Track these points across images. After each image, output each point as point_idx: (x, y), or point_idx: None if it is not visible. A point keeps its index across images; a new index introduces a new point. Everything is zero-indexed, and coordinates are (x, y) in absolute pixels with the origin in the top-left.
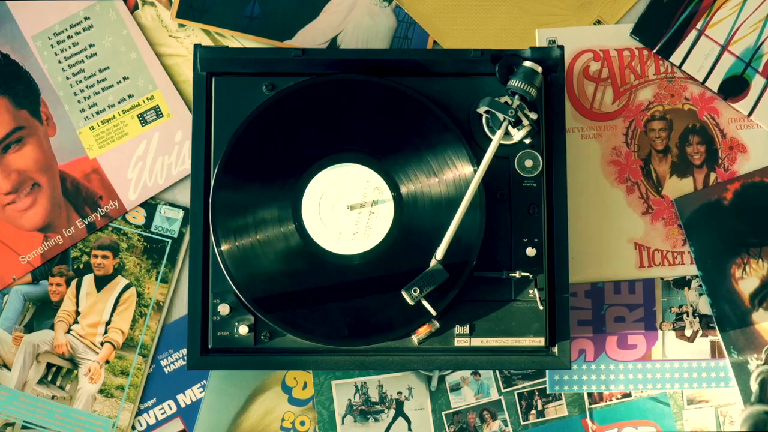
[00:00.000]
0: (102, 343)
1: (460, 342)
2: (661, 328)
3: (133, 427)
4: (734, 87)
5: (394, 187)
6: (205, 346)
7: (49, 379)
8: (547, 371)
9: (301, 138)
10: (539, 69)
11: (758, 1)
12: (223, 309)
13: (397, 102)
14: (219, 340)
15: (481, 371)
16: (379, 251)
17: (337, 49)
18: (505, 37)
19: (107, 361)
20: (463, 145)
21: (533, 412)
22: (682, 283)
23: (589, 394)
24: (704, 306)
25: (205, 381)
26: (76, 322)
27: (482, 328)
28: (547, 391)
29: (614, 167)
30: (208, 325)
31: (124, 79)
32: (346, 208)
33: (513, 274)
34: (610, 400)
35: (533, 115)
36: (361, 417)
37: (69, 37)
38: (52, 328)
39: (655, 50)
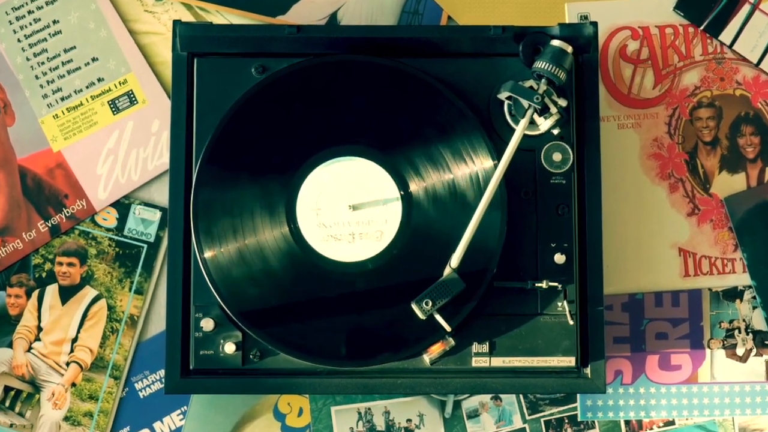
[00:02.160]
0: (67, 364)
1: (478, 362)
2: (709, 346)
3: None
4: None
5: (402, 185)
6: (186, 367)
7: (7, 404)
8: (578, 396)
9: (296, 128)
10: (569, 49)
11: None
12: (207, 324)
13: (406, 87)
14: (202, 359)
15: (502, 395)
16: (385, 258)
17: (337, 26)
18: (530, 13)
19: (73, 384)
20: (482, 135)
21: None
22: (733, 294)
23: (627, 422)
24: (758, 321)
25: (185, 407)
26: (37, 339)
27: (504, 345)
28: (579, 419)
29: (655, 161)
30: (189, 343)
31: (93, 60)
32: (347, 209)
33: (539, 284)
34: (651, 429)
35: (562, 102)
36: None
37: (30, 12)
38: (10, 346)
39: (702, 27)
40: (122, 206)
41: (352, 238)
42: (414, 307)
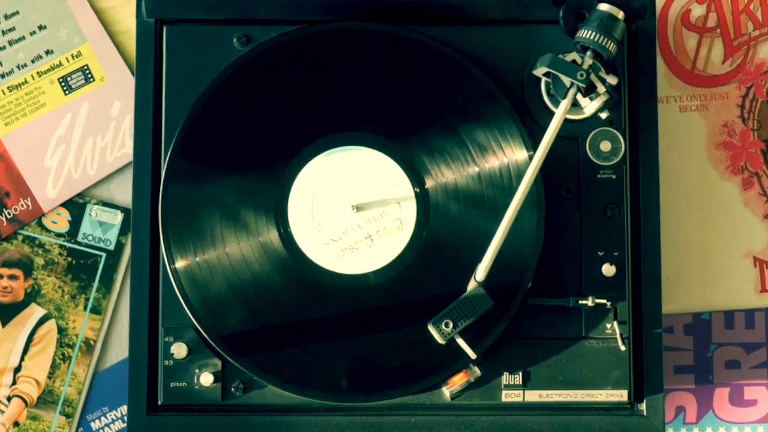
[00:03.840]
0: (9, 398)
1: (509, 396)
2: None
3: None
4: None
5: (417, 180)
6: (154, 402)
7: None
8: None
9: (286, 112)
10: (620, 15)
11: None
12: (179, 350)
13: (421, 61)
14: (173, 393)
15: None
16: (396, 269)
17: None
18: None
19: (16, 423)
20: (514, 120)
21: None
22: None
23: None
24: None
25: None
26: None
27: (540, 376)
28: None
29: (725, 152)
30: (157, 373)
31: (40, 28)
32: (349, 209)
33: (583, 302)
34: None
35: (612, 80)
36: None
37: None
38: None
39: None
40: (76, 206)
41: (356, 245)
42: (431, 329)
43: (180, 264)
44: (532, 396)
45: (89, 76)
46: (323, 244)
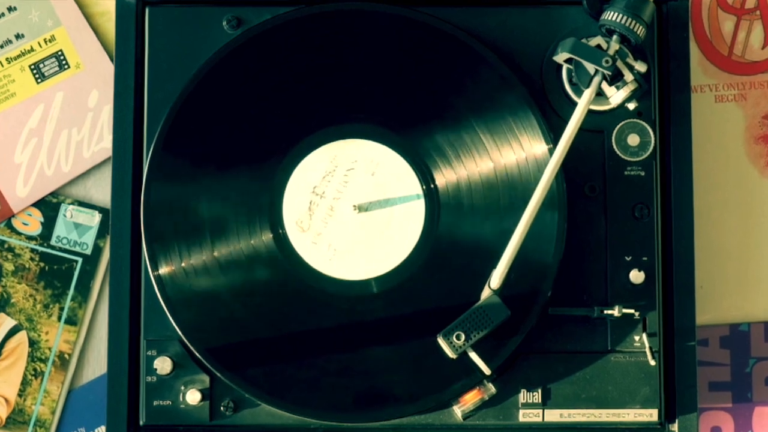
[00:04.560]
0: None
1: (527, 416)
2: None
3: None
4: None
5: (425, 177)
6: (135, 423)
7: None
8: None
9: (281, 102)
10: None
11: None
12: (163, 365)
13: (430, 45)
14: (156, 412)
15: None
16: (402, 276)
17: None
18: None
19: None
20: (533, 111)
21: None
22: None
23: None
24: None
25: None
26: None
27: (561, 394)
28: None
29: (765, 146)
30: (138, 391)
31: (10, 10)
32: (351, 210)
33: (609, 311)
34: None
35: (640, 67)
36: None
37: None
38: None
39: None
40: (49, 206)
41: (358, 249)
42: (441, 342)
43: (164, 270)
44: (553, 416)
45: (64, 62)
46: (322, 248)
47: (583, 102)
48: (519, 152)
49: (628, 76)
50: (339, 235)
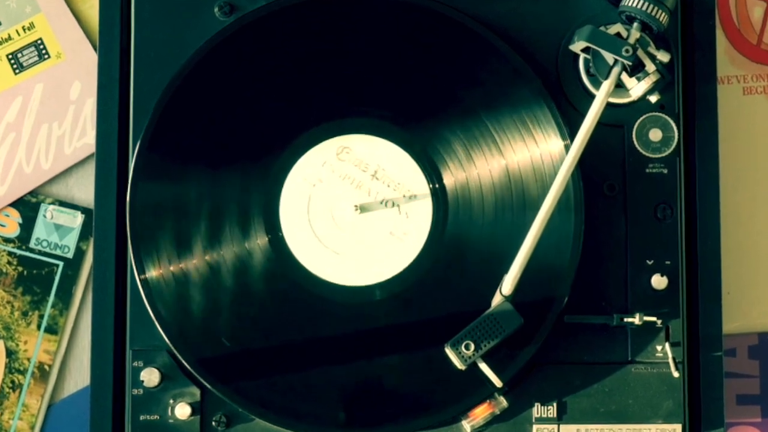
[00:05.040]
0: None
1: (541, 431)
2: None
3: None
4: None
5: (432, 175)
6: None
7: None
8: None
9: (278, 94)
10: None
11: None
12: (150, 377)
13: (438, 34)
14: (143, 428)
15: None
16: (407, 281)
17: None
18: None
19: None
20: (548, 104)
21: None
22: None
23: None
24: None
25: None
26: None
27: (578, 408)
28: None
29: None
30: (124, 404)
31: None
32: (352, 210)
33: (629, 319)
34: None
35: (663, 56)
36: None
37: None
38: None
39: None
40: (28, 206)
41: (360, 252)
42: (449, 352)
43: (151, 274)
44: (569, 431)
45: (44, 52)
46: (321, 252)
47: (602, 94)
48: (533, 149)
49: (650, 67)
50: (339, 238)
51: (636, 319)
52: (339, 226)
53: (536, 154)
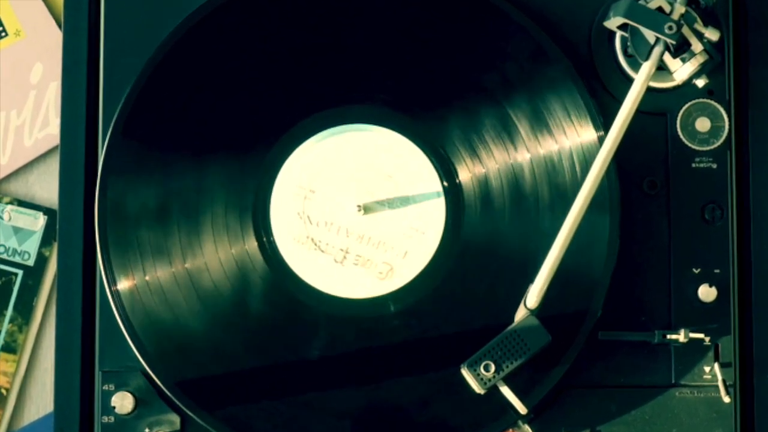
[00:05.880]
0: None
1: None
2: None
3: None
4: None
5: (446, 171)
6: None
7: None
8: None
9: (270, 78)
10: None
11: None
12: (122, 402)
13: (453, 10)
14: None
15: None
16: (417, 293)
17: None
18: None
19: None
20: (579, 90)
21: None
22: None
23: None
24: None
25: None
26: None
27: None
28: None
29: None
30: None
31: None
32: (354, 211)
33: (673, 336)
34: None
35: (712, 34)
36: None
37: None
38: None
39: None
40: None
41: (362, 259)
42: (466, 374)
43: (124, 285)
44: None
45: (1, 30)
46: (319, 260)
47: (642, 78)
48: (562, 140)
49: (697, 46)
50: (339, 242)
51: (681, 336)
52: (339, 229)
53: (565, 146)
